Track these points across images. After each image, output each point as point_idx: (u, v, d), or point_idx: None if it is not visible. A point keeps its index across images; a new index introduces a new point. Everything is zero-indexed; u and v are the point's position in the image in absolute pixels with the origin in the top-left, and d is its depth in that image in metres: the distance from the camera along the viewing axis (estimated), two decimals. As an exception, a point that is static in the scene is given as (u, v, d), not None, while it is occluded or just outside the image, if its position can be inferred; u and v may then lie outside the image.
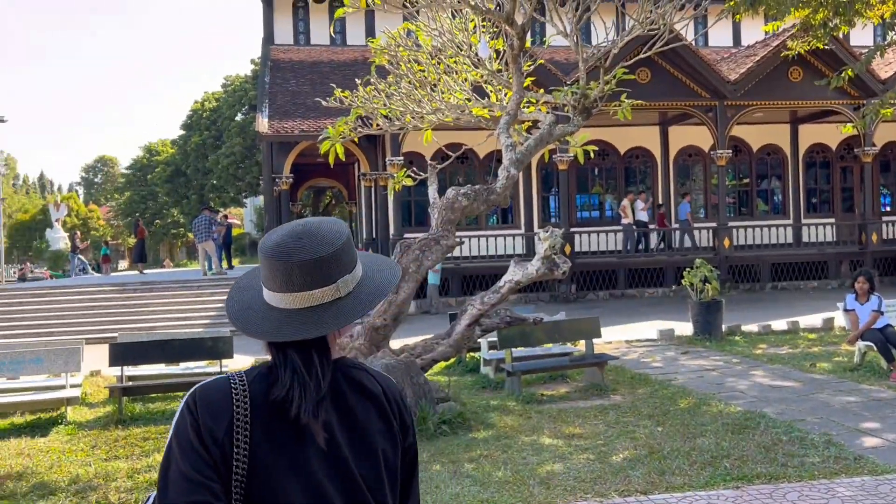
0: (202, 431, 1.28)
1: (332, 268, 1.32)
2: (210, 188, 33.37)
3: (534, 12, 8.45)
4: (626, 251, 19.29)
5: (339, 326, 1.32)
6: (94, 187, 72.96)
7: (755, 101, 18.55)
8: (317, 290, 1.32)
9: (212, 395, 1.32)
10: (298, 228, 1.35)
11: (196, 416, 1.30)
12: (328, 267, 1.32)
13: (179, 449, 1.28)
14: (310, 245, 1.31)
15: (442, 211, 7.84)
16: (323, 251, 1.31)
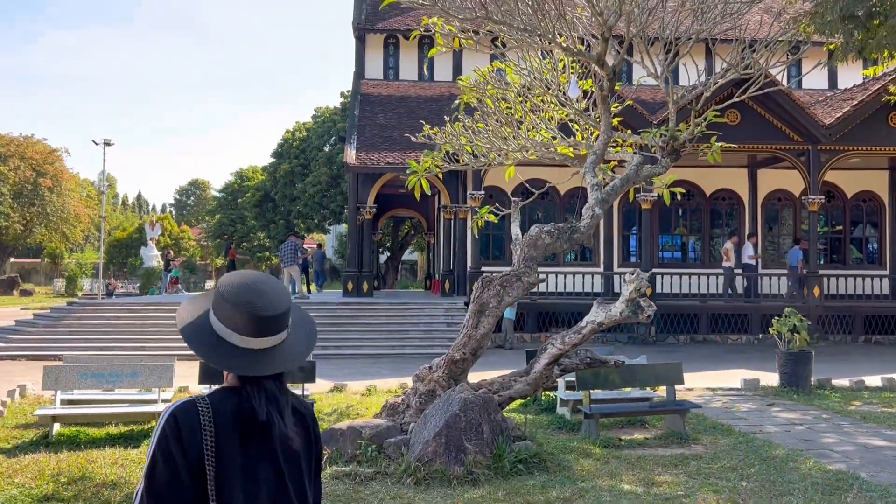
0: (184, 441, 1.64)
1: (285, 319, 1.74)
2: (296, 214, 34.39)
3: (625, 54, 8.49)
4: (727, 295, 18.73)
5: (291, 361, 1.75)
6: (185, 209, 76.44)
7: (852, 146, 17.89)
8: (275, 335, 1.73)
9: (189, 413, 1.68)
10: (259, 286, 1.75)
11: (179, 428, 1.65)
12: (284, 319, 1.74)
13: (163, 455, 1.64)
14: (274, 302, 1.73)
15: (524, 248, 7.89)
16: (282, 307, 1.73)
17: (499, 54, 9.40)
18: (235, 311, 1.70)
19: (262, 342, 1.71)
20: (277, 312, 1.71)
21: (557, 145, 9.69)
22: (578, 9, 8.44)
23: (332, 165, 32.26)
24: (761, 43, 8.53)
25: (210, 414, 1.68)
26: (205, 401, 1.71)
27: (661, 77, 8.40)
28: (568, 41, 8.27)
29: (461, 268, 19.66)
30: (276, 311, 1.71)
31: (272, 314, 1.70)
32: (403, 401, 7.32)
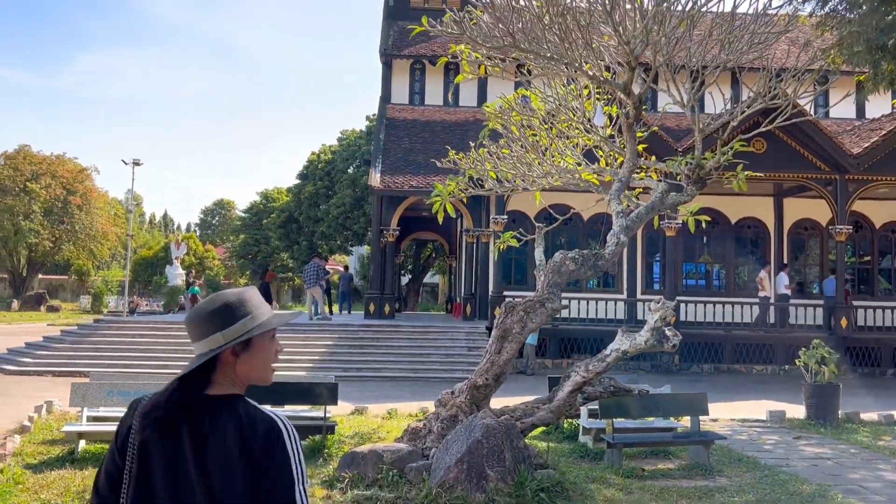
0: (118, 433, 1.77)
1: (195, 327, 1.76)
2: (319, 235, 34.67)
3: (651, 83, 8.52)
4: (760, 324, 18.54)
5: (190, 367, 1.73)
6: (210, 228, 77.28)
7: (880, 176, 17.71)
8: (195, 343, 1.77)
9: (129, 406, 1.80)
10: (211, 297, 1.82)
11: (121, 422, 1.79)
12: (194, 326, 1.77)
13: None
14: (196, 309, 1.79)
15: (549, 274, 7.88)
16: (194, 314, 1.78)
17: (524, 81, 9.48)
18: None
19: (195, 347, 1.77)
20: (190, 318, 1.77)
21: (582, 171, 9.71)
22: (605, 37, 8.50)
23: (355, 188, 32.54)
24: (789, 72, 8.52)
25: (136, 411, 1.79)
26: (145, 397, 1.81)
27: (688, 105, 8.41)
28: (594, 69, 8.33)
29: (483, 291, 19.65)
30: (190, 317, 1.77)
31: (188, 319, 1.78)
32: (425, 425, 7.30)
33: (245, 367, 1.76)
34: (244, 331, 1.74)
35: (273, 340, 1.83)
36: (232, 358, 1.74)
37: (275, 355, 1.83)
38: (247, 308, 1.77)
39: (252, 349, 1.76)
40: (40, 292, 44.11)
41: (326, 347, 16.57)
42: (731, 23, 8.07)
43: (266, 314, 1.80)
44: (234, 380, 1.76)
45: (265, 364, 1.80)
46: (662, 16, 7.70)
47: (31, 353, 16.37)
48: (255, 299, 1.81)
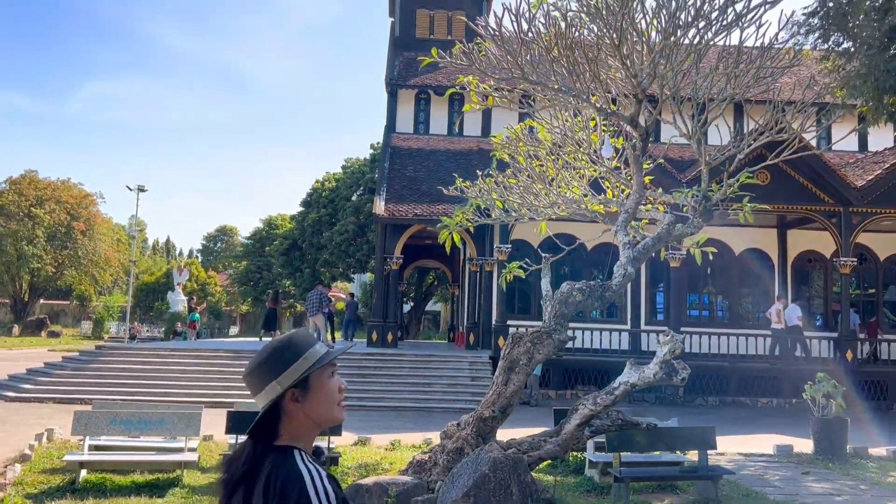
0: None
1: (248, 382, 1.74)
2: (322, 262, 34.68)
3: (657, 115, 8.57)
4: (773, 356, 18.47)
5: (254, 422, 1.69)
6: (212, 254, 77.33)
7: (884, 208, 17.72)
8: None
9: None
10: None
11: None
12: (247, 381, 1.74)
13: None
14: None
15: (556, 304, 7.85)
16: (247, 370, 1.74)
17: (530, 112, 9.54)
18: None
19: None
20: (245, 373, 1.73)
21: (588, 202, 9.72)
22: (612, 70, 8.57)
23: (359, 215, 32.63)
24: (794, 106, 8.57)
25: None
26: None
27: (693, 137, 8.45)
28: (601, 101, 8.38)
29: (486, 321, 19.58)
30: (245, 373, 1.74)
31: (245, 375, 1.74)
32: (430, 458, 7.22)
33: (308, 410, 1.69)
34: (299, 373, 1.68)
35: (333, 378, 1.75)
36: (294, 405, 1.68)
37: (339, 392, 1.75)
38: (298, 350, 1.71)
39: (311, 391, 1.70)
40: (41, 317, 44.03)
41: (329, 376, 16.45)
42: (737, 57, 8.14)
43: (319, 352, 1.73)
44: (300, 428, 1.70)
45: (329, 403, 1.73)
46: (670, 50, 7.77)
47: (32, 379, 16.27)
48: (305, 340, 1.76)
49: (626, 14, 7.33)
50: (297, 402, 1.68)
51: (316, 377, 1.71)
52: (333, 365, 1.76)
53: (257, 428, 1.68)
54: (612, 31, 7.54)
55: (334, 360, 1.75)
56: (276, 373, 1.68)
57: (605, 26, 7.56)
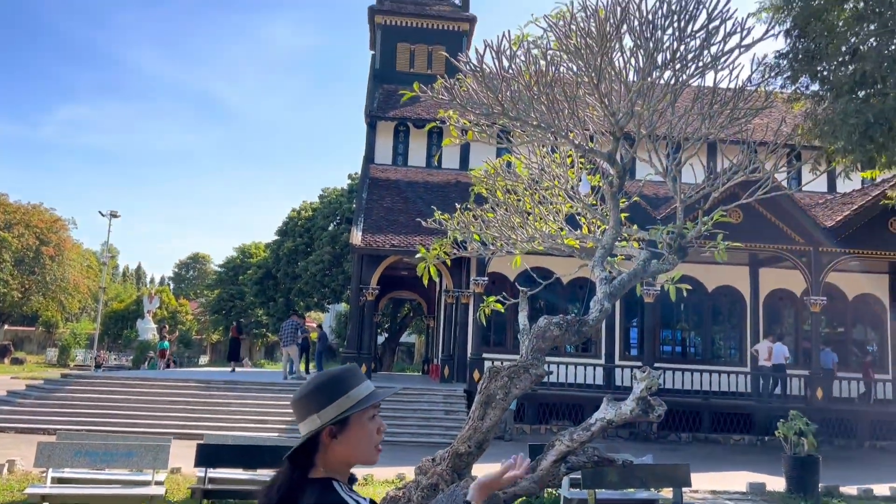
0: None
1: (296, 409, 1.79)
2: (296, 292, 34.39)
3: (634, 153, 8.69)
4: (757, 394, 18.63)
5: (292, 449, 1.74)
6: (184, 282, 76.42)
7: (852, 249, 18.08)
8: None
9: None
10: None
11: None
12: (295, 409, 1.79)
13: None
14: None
15: (533, 339, 7.84)
16: (295, 397, 1.79)
17: (508, 147, 9.63)
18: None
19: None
20: (293, 399, 1.78)
21: (565, 237, 9.80)
22: (590, 108, 8.70)
23: (335, 245, 32.52)
24: (767, 147, 8.75)
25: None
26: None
27: (669, 175, 8.58)
28: (579, 137, 8.50)
29: (461, 353, 19.50)
30: (293, 399, 1.78)
31: (293, 400, 1.79)
32: (404, 494, 7.11)
33: (343, 448, 1.72)
34: (339, 412, 1.71)
35: (374, 419, 1.78)
36: (329, 440, 1.71)
37: (377, 434, 1.78)
38: (344, 387, 1.74)
39: (349, 429, 1.73)
40: (5, 343, 42.97)
41: (301, 408, 16.20)
42: (711, 98, 8.31)
43: (363, 392, 1.76)
44: (334, 462, 1.73)
45: (365, 444, 1.76)
46: (647, 89, 7.91)
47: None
48: (354, 378, 1.78)
49: (605, 54, 7.46)
50: (333, 439, 1.71)
51: (356, 417, 1.73)
52: (376, 407, 1.79)
53: (295, 456, 1.72)
54: (591, 70, 7.66)
55: (378, 402, 1.77)
56: (319, 406, 1.72)
57: (584, 65, 7.69)
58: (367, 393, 1.76)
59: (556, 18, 7.84)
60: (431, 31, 26.55)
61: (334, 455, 1.72)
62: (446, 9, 27.22)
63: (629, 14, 7.20)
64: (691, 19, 7.38)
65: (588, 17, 7.41)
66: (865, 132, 8.31)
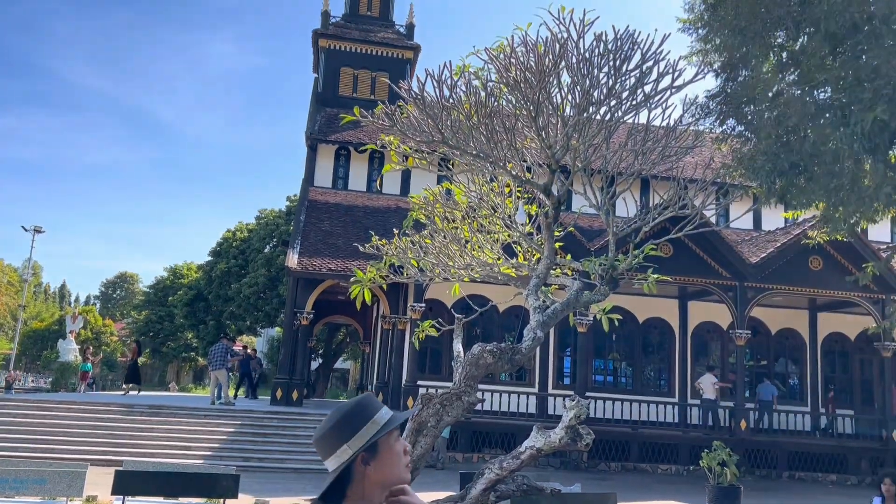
0: None
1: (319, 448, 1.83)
2: (229, 315, 33.61)
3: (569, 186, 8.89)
4: (684, 425, 19.09)
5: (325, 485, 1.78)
6: (111, 302, 73.77)
7: (775, 285, 18.83)
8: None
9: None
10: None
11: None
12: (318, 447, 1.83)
13: None
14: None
15: (466, 366, 7.86)
16: (317, 435, 1.82)
17: (448, 175, 9.73)
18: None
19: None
20: (315, 438, 1.83)
21: (501, 266, 9.90)
22: (528, 140, 8.88)
23: (270, 268, 31.99)
24: (696, 184, 9.09)
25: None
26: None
27: (602, 208, 8.80)
28: (517, 168, 8.65)
29: (396, 380, 19.35)
30: (315, 438, 1.83)
31: (315, 440, 1.83)
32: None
33: (377, 473, 1.79)
34: (367, 437, 1.77)
35: (398, 441, 1.85)
36: (363, 467, 1.77)
37: (405, 454, 1.85)
38: (367, 414, 1.81)
39: (379, 454, 1.79)
40: (-89, 363, 40.52)
41: (227, 435, 15.77)
42: (644, 135, 8.60)
43: (385, 417, 1.82)
44: (367, 490, 1.78)
45: (396, 464, 1.82)
46: (582, 124, 8.13)
47: None
48: (372, 405, 1.84)
49: (543, 88, 7.65)
50: (366, 465, 1.77)
51: (384, 441, 1.80)
52: (398, 429, 1.87)
53: (328, 493, 1.77)
54: (529, 103, 7.84)
55: (400, 424, 1.85)
56: (347, 437, 1.77)
57: (522, 98, 7.86)
58: (388, 417, 1.83)
59: (497, 52, 8.00)
60: (375, 57, 26.70)
61: (370, 482, 1.77)
62: (391, 36, 27.45)
63: (567, 51, 7.41)
64: (626, 59, 7.64)
65: (528, 51, 7.59)
66: (782, 173, 8.73)
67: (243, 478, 9.97)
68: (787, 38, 9.07)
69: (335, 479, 1.76)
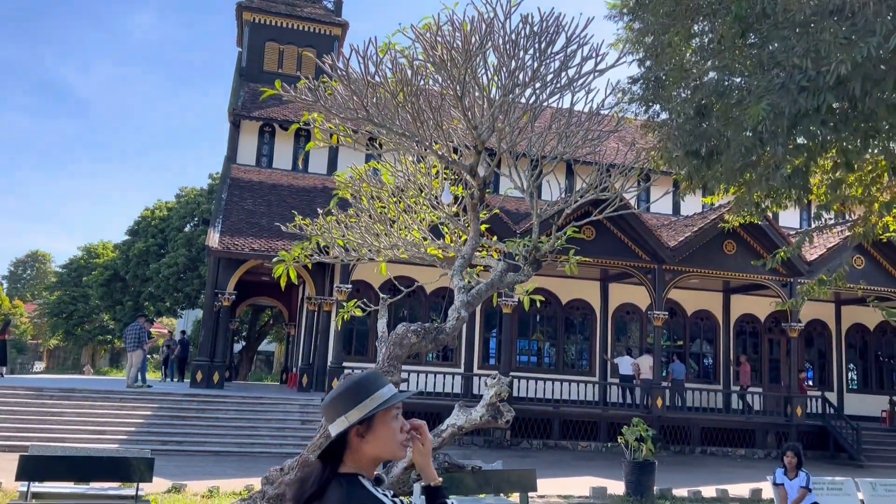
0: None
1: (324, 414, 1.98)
2: (147, 296, 32.52)
3: (495, 167, 8.94)
4: (604, 403, 19.59)
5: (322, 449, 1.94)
6: (21, 282, 70.26)
7: (691, 268, 19.53)
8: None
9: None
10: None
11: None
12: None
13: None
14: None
15: (390, 346, 7.83)
16: (324, 402, 2.00)
17: (375, 154, 9.63)
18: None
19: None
20: (322, 404, 1.99)
21: (427, 246, 9.90)
22: (454, 120, 8.86)
23: (191, 247, 31.09)
24: (617, 168, 9.29)
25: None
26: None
27: (527, 191, 8.89)
28: (443, 149, 8.63)
29: (321, 362, 19.18)
30: (322, 404, 1.99)
31: (322, 405, 2.00)
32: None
33: (371, 446, 1.91)
34: (365, 411, 1.89)
35: (397, 419, 1.95)
36: (358, 440, 1.91)
37: (401, 432, 1.95)
38: (368, 389, 1.92)
39: (374, 429, 1.91)
40: None
41: (144, 418, 15.30)
42: (568, 118, 8.71)
43: (386, 394, 1.93)
44: (362, 459, 1.91)
45: (390, 441, 1.92)
46: (508, 106, 8.16)
47: None
48: (377, 381, 1.96)
49: (469, 68, 7.63)
50: (361, 438, 1.90)
51: (380, 417, 1.92)
52: (398, 407, 1.97)
53: (326, 453, 1.92)
54: (455, 83, 7.81)
55: (399, 402, 1.95)
56: (347, 408, 1.90)
57: (449, 78, 7.83)
58: (390, 395, 1.93)
59: (424, 30, 7.93)
60: (302, 32, 26.13)
61: (363, 453, 1.90)
62: (319, 12, 26.90)
63: (493, 31, 7.40)
64: (551, 42, 7.69)
65: (454, 30, 7.55)
66: (696, 157, 9.02)
67: (160, 461, 9.68)
68: (707, 24, 9.33)
69: (335, 445, 1.90)
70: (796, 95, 6.29)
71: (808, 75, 6.24)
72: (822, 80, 6.09)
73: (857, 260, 20.18)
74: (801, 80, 6.28)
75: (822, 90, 6.13)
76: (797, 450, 8.95)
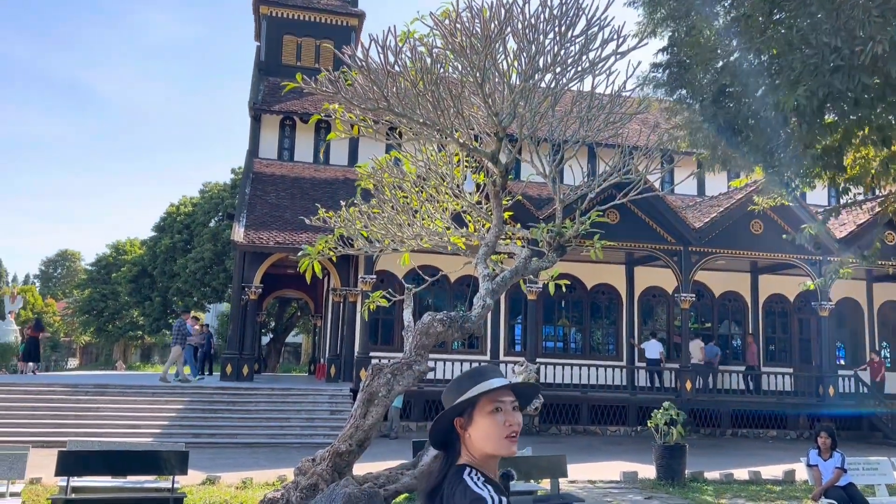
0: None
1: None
2: (175, 291, 32.93)
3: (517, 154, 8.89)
4: (632, 387, 19.49)
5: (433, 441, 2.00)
6: (52, 281, 71.51)
7: (718, 248, 19.31)
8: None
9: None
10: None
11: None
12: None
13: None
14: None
15: (416, 336, 7.85)
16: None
17: (395, 144, 9.63)
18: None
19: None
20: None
21: (451, 235, 9.88)
22: (475, 108, 8.82)
23: (216, 242, 31.39)
24: (640, 151, 9.18)
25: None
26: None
27: (549, 176, 8.83)
28: (464, 137, 8.59)
29: (349, 352, 19.31)
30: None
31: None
32: (283, 495, 6.94)
33: (472, 439, 1.89)
34: (458, 406, 1.90)
35: (498, 412, 1.88)
36: (462, 432, 1.90)
37: (505, 426, 1.87)
38: (473, 381, 1.92)
39: (473, 422, 1.88)
40: None
41: (177, 412, 15.53)
42: (589, 102, 8.62)
43: (485, 387, 1.88)
44: (472, 451, 1.90)
45: (491, 435, 1.87)
46: (528, 91, 8.10)
47: None
48: (482, 374, 1.93)
49: (489, 55, 7.58)
50: (463, 430, 1.90)
51: (479, 410, 1.89)
52: (499, 401, 1.89)
53: (444, 444, 1.93)
54: (475, 70, 7.76)
55: (498, 395, 1.89)
56: (453, 398, 1.92)
57: (468, 65, 7.78)
58: (484, 389, 1.88)
59: (443, 17, 7.88)
60: (319, 24, 26.14)
61: (471, 446, 1.89)
62: (335, 2, 26.87)
63: (512, 16, 7.33)
64: (571, 25, 7.60)
65: (473, 17, 7.49)
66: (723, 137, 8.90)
67: (194, 454, 9.83)
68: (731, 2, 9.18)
69: (446, 433, 1.91)
70: (829, 77, 6.16)
71: (841, 54, 6.10)
72: (856, 59, 5.96)
73: (889, 236, 19.81)
74: (834, 60, 6.15)
75: (856, 70, 5.99)
76: (831, 430, 8.84)
